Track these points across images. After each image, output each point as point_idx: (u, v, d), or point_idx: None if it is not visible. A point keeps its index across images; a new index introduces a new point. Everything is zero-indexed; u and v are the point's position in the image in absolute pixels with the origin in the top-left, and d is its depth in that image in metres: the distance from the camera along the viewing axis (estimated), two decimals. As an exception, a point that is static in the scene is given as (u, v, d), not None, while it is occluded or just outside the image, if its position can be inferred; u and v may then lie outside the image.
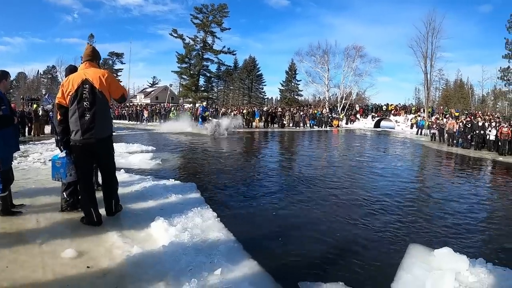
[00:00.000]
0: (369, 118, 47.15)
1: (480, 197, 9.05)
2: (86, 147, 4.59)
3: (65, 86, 4.61)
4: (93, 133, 4.55)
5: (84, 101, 4.50)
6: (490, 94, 63.86)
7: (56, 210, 5.24)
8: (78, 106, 4.51)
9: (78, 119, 4.51)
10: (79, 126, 4.51)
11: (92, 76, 4.58)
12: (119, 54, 75.06)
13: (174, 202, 6.20)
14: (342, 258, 4.74)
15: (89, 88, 4.52)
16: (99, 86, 4.56)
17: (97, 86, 4.55)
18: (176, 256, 3.98)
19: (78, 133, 4.52)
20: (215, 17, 61.39)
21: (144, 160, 10.91)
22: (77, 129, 4.52)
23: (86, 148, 4.60)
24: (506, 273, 4.23)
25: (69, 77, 4.68)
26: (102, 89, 4.58)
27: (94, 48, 5.01)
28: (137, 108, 44.11)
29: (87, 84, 4.53)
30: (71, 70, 5.22)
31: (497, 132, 21.34)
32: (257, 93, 78.43)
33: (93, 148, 4.63)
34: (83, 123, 4.50)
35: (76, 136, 4.55)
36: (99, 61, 5.06)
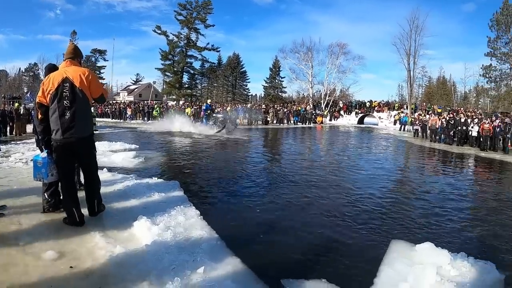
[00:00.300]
0: (352, 115, 47.65)
1: (462, 192, 9.20)
2: (67, 147, 4.53)
3: (46, 84, 4.55)
4: (74, 132, 4.49)
5: (64, 99, 4.45)
6: (472, 91, 64.73)
7: (38, 211, 5.17)
8: (59, 105, 4.45)
9: (59, 118, 4.46)
10: (59, 125, 4.46)
11: (72, 74, 4.53)
12: (102, 51, 73.87)
13: (157, 200, 6.18)
14: (324, 254, 4.78)
15: (69, 87, 4.47)
16: (79, 84, 4.50)
17: (77, 85, 4.49)
18: (159, 255, 3.98)
19: (58, 132, 4.47)
20: (199, 14, 61.02)
21: (127, 158, 10.83)
22: (58, 128, 4.47)
23: (67, 148, 4.54)
24: (488, 266, 4.29)
25: (49, 76, 4.62)
26: (82, 88, 4.52)
27: (75, 46, 4.95)
28: (120, 105, 43.78)
29: (68, 82, 4.47)
30: (50, 69, 5.14)
31: (479, 128, 21.68)
32: (241, 90, 78.25)
33: (74, 148, 4.57)
34: (63, 122, 4.45)
35: (57, 135, 4.50)
36: (81, 59, 5.00)
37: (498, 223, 6.62)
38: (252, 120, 36.88)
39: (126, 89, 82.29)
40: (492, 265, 4.32)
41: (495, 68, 48.03)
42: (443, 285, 3.77)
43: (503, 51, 46.85)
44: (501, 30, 46.38)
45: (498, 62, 47.69)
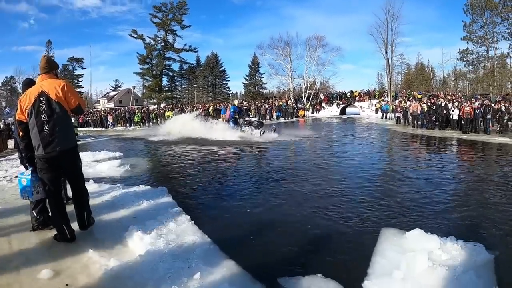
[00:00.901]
0: (334, 106, 47.95)
1: (446, 175, 9.33)
2: (51, 161, 4.46)
3: (23, 101, 4.50)
4: (55, 145, 4.42)
5: (41, 114, 4.39)
6: (451, 75, 65.79)
7: (28, 229, 5.11)
8: (36, 119, 4.39)
9: (38, 134, 4.40)
10: (40, 141, 4.40)
11: (48, 87, 4.47)
12: (79, 59, 73.05)
13: (146, 208, 6.14)
14: (318, 249, 4.81)
15: (46, 100, 4.41)
16: (55, 97, 4.44)
17: (53, 97, 4.43)
18: (154, 265, 3.97)
19: (40, 147, 4.42)
20: (175, 15, 60.63)
21: (112, 167, 10.71)
22: (38, 144, 4.42)
23: (51, 162, 4.48)
24: (477, 247, 4.38)
25: (26, 92, 4.56)
26: (58, 100, 4.46)
27: (48, 59, 4.86)
28: (101, 113, 43.40)
29: (44, 96, 4.42)
30: (27, 84, 5.04)
31: (459, 111, 22.00)
32: (221, 89, 78.10)
33: (57, 161, 4.50)
34: (43, 137, 4.39)
35: (39, 151, 4.43)
36: (56, 70, 4.91)
37: (484, 204, 6.74)
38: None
39: (105, 96, 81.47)
40: (481, 246, 4.42)
41: (472, 51, 48.78)
42: (435, 270, 3.84)
43: (479, 35, 47.59)
44: (476, 14, 47.12)
45: (475, 46, 48.46)
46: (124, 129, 35.17)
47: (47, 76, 4.66)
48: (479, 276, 3.78)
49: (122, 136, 25.77)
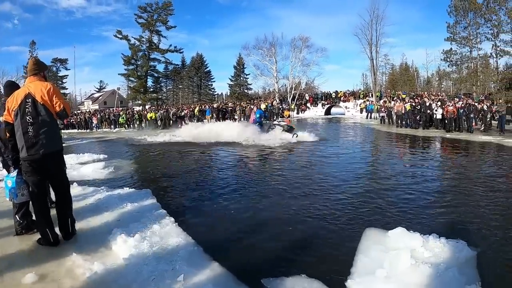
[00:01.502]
0: (319, 106, 48.11)
1: (429, 173, 9.55)
2: (34, 164, 4.41)
3: (10, 102, 4.46)
4: (38, 148, 4.38)
5: (26, 115, 4.36)
6: (434, 75, 66.49)
7: (11, 234, 5.04)
8: (22, 121, 4.35)
9: (22, 135, 4.36)
10: (24, 142, 4.36)
11: (34, 89, 4.44)
12: (63, 60, 72.02)
13: (130, 211, 6.11)
14: (301, 250, 4.85)
15: (32, 102, 4.38)
16: (41, 99, 4.41)
17: (39, 100, 4.40)
18: (138, 267, 3.97)
19: (23, 149, 4.37)
20: (160, 16, 60.21)
21: (96, 170, 10.66)
22: (22, 145, 4.38)
23: (34, 165, 4.43)
24: (460, 244, 4.46)
25: (14, 93, 4.52)
26: (44, 103, 4.43)
27: (37, 60, 4.81)
28: (85, 115, 43.04)
29: (30, 98, 4.39)
30: (9, 86, 5.03)
31: (443, 110, 22.27)
32: (207, 90, 78.05)
33: (41, 164, 4.44)
34: (27, 139, 4.36)
35: (23, 153, 4.39)
36: (45, 72, 4.87)
37: (466, 201, 6.88)
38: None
39: (90, 97, 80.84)
40: (463, 243, 4.50)
41: (456, 52, 49.36)
42: (418, 268, 3.91)
43: (462, 35, 48.22)
44: (460, 15, 47.75)
45: (458, 46, 49.05)
46: (109, 130, 34.88)
47: (35, 78, 4.63)
48: (461, 273, 3.85)
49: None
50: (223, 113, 37.69)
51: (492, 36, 45.49)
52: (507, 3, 43.01)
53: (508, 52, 44.34)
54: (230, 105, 42.92)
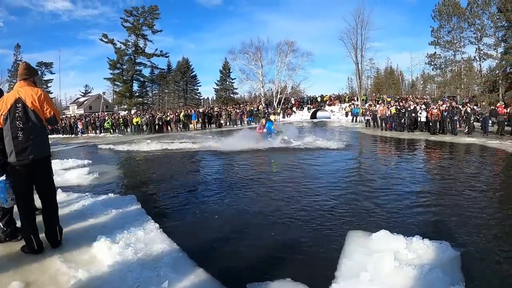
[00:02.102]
0: (305, 110, 48.42)
1: (412, 175, 9.69)
2: (22, 169, 4.37)
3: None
4: (28, 153, 4.34)
5: (17, 120, 4.31)
6: (419, 79, 67.37)
7: (-5, 242, 4.97)
8: (11, 126, 4.31)
9: (12, 140, 4.31)
10: (13, 147, 4.32)
11: (25, 94, 4.40)
12: (48, 64, 71.32)
13: (115, 217, 6.06)
14: (286, 254, 4.86)
15: (22, 107, 4.34)
16: (31, 105, 4.38)
17: (29, 105, 4.37)
18: (122, 274, 3.95)
19: (12, 154, 4.33)
20: (146, 20, 60.21)
21: (81, 175, 10.53)
22: (11, 150, 4.33)
23: (23, 171, 4.38)
24: (443, 245, 4.51)
25: (3, 97, 4.49)
26: (34, 109, 4.40)
27: (28, 65, 4.76)
28: (70, 120, 42.65)
29: (20, 103, 4.35)
30: None
31: (427, 113, 22.53)
32: (193, 94, 77.87)
33: (29, 170, 4.40)
34: (17, 144, 4.31)
35: (11, 158, 4.34)
36: (35, 77, 4.84)
37: (448, 202, 7.00)
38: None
39: (75, 102, 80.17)
40: (447, 244, 4.55)
41: (440, 55, 50.10)
42: (402, 270, 3.94)
43: (446, 39, 48.96)
44: (444, 19, 48.53)
45: (442, 50, 49.81)
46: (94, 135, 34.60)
47: (25, 83, 4.60)
48: (446, 273, 3.90)
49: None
50: (209, 117, 37.64)
51: (475, 40, 46.25)
52: (490, 8, 43.77)
53: (491, 56, 45.10)
54: (216, 110, 42.86)
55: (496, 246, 4.92)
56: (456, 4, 46.77)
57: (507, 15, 41.29)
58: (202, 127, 35.87)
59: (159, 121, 32.71)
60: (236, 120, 39.81)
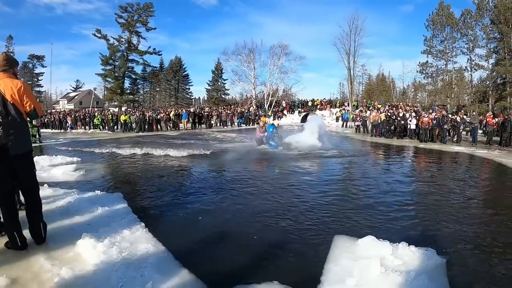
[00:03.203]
0: (295, 114, 48.36)
1: (400, 181, 9.85)
2: (2, 165, 4.30)
3: None
4: (7, 149, 4.22)
5: None
6: (410, 87, 67.79)
7: (-23, 238, 4.87)
8: None
9: None
10: None
11: (4, 87, 4.26)
12: (39, 57, 70.22)
13: (100, 215, 6.00)
14: (273, 258, 4.85)
15: (1, 101, 4.20)
16: (11, 98, 4.24)
17: (9, 98, 4.23)
18: (107, 274, 3.91)
19: None
20: (141, 16, 59.82)
21: (67, 172, 10.38)
22: None
23: (3, 166, 4.30)
24: (429, 252, 4.54)
25: None
26: (14, 102, 4.26)
27: (7, 56, 4.57)
28: (59, 115, 42.25)
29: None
30: None
31: (417, 121, 22.69)
32: (184, 94, 77.62)
33: (9, 166, 4.33)
34: None
35: None
36: (15, 68, 4.64)
37: (434, 209, 7.09)
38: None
39: (66, 96, 79.33)
40: (432, 251, 4.59)
41: (431, 64, 50.88)
42: (388, 276, 3.96)
43: (439, 49, 49.72)
44: (437, 29, 49.25)
45: (434, 59, 50.61)
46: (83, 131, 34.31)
47: (5, 75, 4.42)
48: (431, 280, 3.93)
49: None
50: (199, 117, 37.54)
51: (467, 50, 46.99)
52: (483, 19, 44.33)
53: (482, 66, 45.75)
54: (206, 110, 42.79)
55: (481, 253, 4.97)
56: (449, 14, 47.40)
57: (499, 27, 41.88)
58: (192, 127, 35.71)
59: (149, 120, 32.49)
60: (227, 121, 39.72)
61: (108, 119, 35.13)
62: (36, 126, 21.39)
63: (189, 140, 23.31)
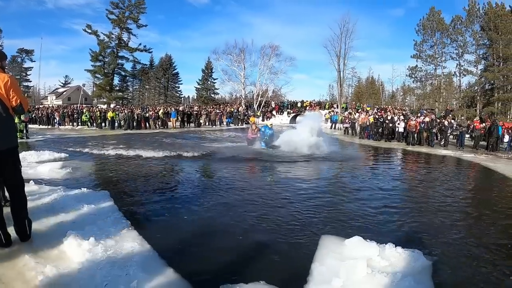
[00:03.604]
0: (284, 115, 48.45)
1: (387, 183, 9.92)
2: None
3: None
4: None
5: None
6: (399, 90, 68.28)
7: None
8: None
9: None
10: None
11: None
12: (29, 51, 69.96)
13: (86, 213, 5.93)
14: (260, 257, 4.89)
15: None
16: None
17: None
18: (91, 272, 3.88)
19: None
20: (132, 13, 59.61)
21: (54, 169, 10.24)
22: None
23: None
24: (416, 254, 4.56)
25: None
26: (0, 96, 4.21)
27: None
28: (47, 110, 41.85)
29: None
30: None
31: (405, 124, 22.87)
32: (174, 92, 77.37)
33: None
34: None
35: None
36: (3, 61, 4.59)
37: (422, 211, 7.17)
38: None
39: (54, 92, 78.53)
40: (419, 253, 4.61)
41: (421, 69, 51.62)
42: (374, 277, 3.98)
43: (428, 53, 50.54)
44: (427, 34, 50.07)
45: (424, 63, 51.39)
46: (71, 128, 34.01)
47: None
48: (417, 281, 3.95)
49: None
50: (188, 116, 37.43)
51: (456, 55, 47.83)
52: (473, 26, 44.91)
53: (471, 72, 46.48)
54: (195, 109, 42.70)
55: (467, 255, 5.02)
56: (440, 20, 48.02)
57: (489, 34, 42.51)
58: (181, 126, 35.60)
59: (137, 117, 32.29)
60: (216, 120, 39.66)
61: (96, 116, 34.79)
62: (24, 122, 21.14)
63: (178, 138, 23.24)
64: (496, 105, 43.18)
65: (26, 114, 22.18)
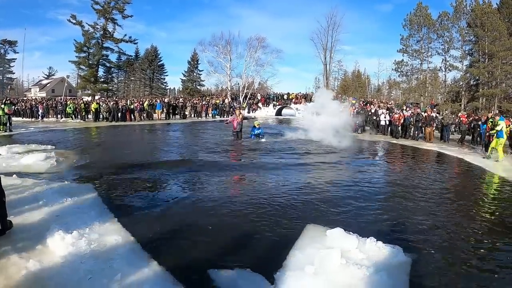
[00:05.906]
0: (270, 107, 48.42)
1: (371, 176, 10.02)
2: None
3: None
4: None
5: None
6: (385, 84, 68.60)
7: None
8: None
9: None
10: None
11: None
12: (12, 42, 68.19)
13: (70, 206, 5.94)
14: (244, 246, 4.98)
15: None
16: None
17: None
18: (75, 266, 3.90)
19: None
20: (117, 3, 58.76)
21: (37, 162, 9.99)
22: None
23: None
24: (395, 250, 4.62)
25: None
26: None
27: None
28: (31, 103, 41.29)
29: None
30: None
31: (390, 117, 23.06)
32: (159, 84, 76.66)
33: None
34: None
35: None
36: None
37: (407, 208, 7.13)
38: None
39: (38, 84, 77.43)
40: (399, 249, 4.67)
41: (407, 63, 51.75)
42: (347, 268, 4.08)
43: (414, 48, 50.69)
44: (414, 29, 50.19)
45: (410, 58, 51.53)
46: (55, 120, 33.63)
47: None
48: (390, 277, 4.00)
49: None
50: (174, 108, 37.24)
51: (442, 51, 48.18)
52: (459, 22, 45.30)
53: (457, 67, 46.87)
54: (181, 101, 42.50)
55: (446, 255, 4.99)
56: (427, 15, 48.30)
57: (475, 30, 42.93)
58: (166, 117, 35.41)
59: (122, 109, 31.99)
60: (201, 112, 39.52)
61: (80, 108, 34.40)
62: (7, 114, 20.86)
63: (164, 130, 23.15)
64: (481, 100, 43.69)
65: (10, 106, 21.89)
